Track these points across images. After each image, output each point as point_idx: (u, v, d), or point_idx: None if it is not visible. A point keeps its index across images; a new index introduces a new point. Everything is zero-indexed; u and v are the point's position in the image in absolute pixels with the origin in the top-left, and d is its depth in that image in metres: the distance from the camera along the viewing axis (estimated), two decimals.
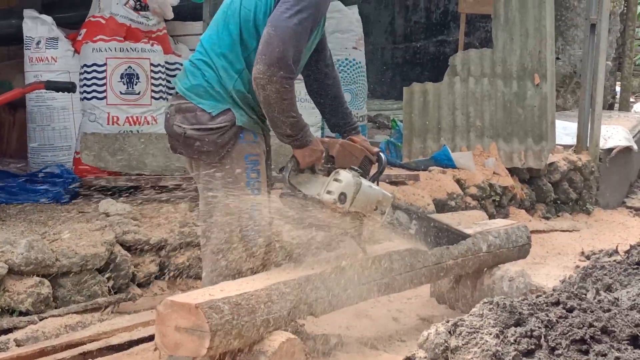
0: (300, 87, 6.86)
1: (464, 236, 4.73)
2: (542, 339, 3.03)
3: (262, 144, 3.90)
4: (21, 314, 4.48)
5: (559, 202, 8.71)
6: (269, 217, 3.87)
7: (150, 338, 4.07)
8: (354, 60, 7.47)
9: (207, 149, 3.76)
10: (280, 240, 4.18)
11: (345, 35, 7.42)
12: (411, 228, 4.25)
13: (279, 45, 3.58)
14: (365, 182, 3.90)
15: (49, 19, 6.34)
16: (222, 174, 3.78)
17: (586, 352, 2.97)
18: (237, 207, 3.77)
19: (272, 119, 3.69)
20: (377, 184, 4.05)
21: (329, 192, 3.79)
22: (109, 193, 5.64)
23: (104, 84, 5.98)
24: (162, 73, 6.28)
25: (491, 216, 7.27)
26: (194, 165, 3.92)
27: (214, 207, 3.82)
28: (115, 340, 4.31)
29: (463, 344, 3.06)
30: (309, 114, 6.91)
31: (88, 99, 6.03)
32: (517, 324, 3.13)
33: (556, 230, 7.93)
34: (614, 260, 4.74)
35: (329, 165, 3.92)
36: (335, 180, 3.81)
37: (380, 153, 4.15)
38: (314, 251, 4.18)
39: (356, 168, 3.92)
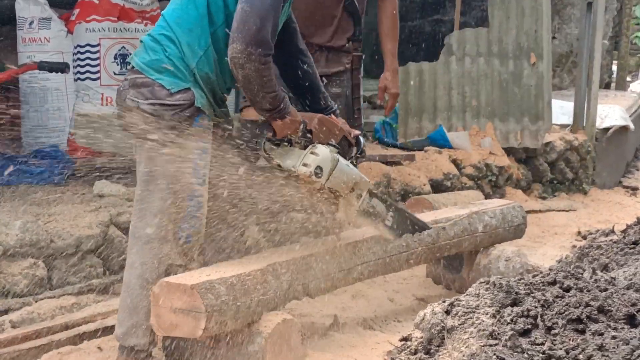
0: None
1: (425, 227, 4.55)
2: (539, 319, 3.02)
3: (211, 134, 3.69)
4: (16, 295, 4.46)
5: (555, 182, 8.71)
6: (206, 211, 3.69)
7: None
8: None
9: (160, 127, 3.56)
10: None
11: None
12: (388, 219, 4.13)
13: (256, 22, 3.44)
14: (342, 160, 3.80)
15: None
16: (168, 156, 3.59)
17: (583, 332, 2.97)
18: (177, 195, 3.60)
19: (252, 96, 3.57)
20: (356, 167, 3.95)
21: (305, 165, 3.68)
22: (103, 174, 5.62)
23: (98, 65, 5.94)
24: None
25: (487, 196, 7.27)
26: (139, 144, 3.68)
27: (153, 192, 3.62)
28: (110, 321, 4.30)
29: (459, 324, 3.06)
30: None
31: (82, 80, 6.00)
32: (514, 303, 3.13)
33: (553, 210, 7.93)
34: (611, 240, 4.74)
35: (305, 139, 3.80)
36: (312, 153, 3.71)
37: (360, 137, 4.04)
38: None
39: (334, 144, 3.83)
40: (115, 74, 6.00)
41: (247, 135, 3.83)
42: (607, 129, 9.40)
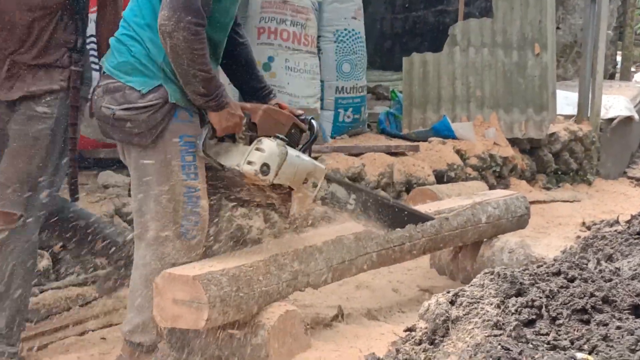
0: (299, 59, 6.88)
1: (424, 218, 4.46)
2: (543, 309, 3.01)
3: (198, 124, 3.58)
4: None
5: (559, 172, 8.70)
6: (207, 205, 3.61)
7: None
8: (352, 30, 7.41)
9: (139, 130, 3.48)
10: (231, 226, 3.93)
11: (343, 5, 7.36)
12: (350, 203, 3.95)
13: None
14: (292, 152, 3.59)
15: None
16: (155, 157, 3.51)
17: (587, 322, 2.96)
18: (172, 193, 3.53)
19: (181, 73, 3.40)
20: (310, 154, 3.77)
21: (249, 163, 3.49)
22: (108, 165, 5.62)
23: None
24: None
25: (491, 187, 7.26)
26: (125, 149, 3.63)
27: (147, 195, 3.55)
28: (116, 318, 4.32)
29: (464, 314, 3.05)
30: (307, 85, 6.88)
31: None
32: (518, 294, 3.12)
33: (557, 201, 7.92)
34: (615, 230, 4.73)
35: (250, 134, 3.61)
36: (257, 149, 3.51)
37: (312, 120, 3.86)
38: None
39: (282, 136, 3.61)
40: None
41: None
42: (611, 120, 9.39)
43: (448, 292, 3.21)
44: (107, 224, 4.24)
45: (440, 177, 7.10)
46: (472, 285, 3.24)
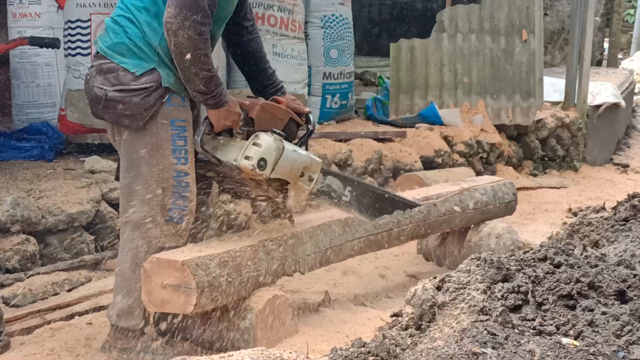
0: (286, 44, 6.87)
1: (411, 205, 4.51)
2: (529, 295, 3.03)
3: (189, 109, 3.61)
4: (7, 271, 4.46)
5: (546, 159, 8.72)
6: (195, 190, 3.61)
7: None
8: (340, 16, 7.40)
9: (131, 112, 3.47)
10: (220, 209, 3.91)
11: None
12: (345, 195, 4.01)
13: None
14: (289, 147, 3.63)
15: None
16: (146, 140, 3.51)
17: (573, 307, 2.98)
18: (161, 177, 3.53)
19: (183, 70, 3.41)
20: (306, 148, 3.81)
21: (247, 158, 3.51)
22: (95, 150, 5.62)
23: (89, 40, 5.90)
24: None
25: (478, 173, 7.28)
26: (115, 130, 3.62)
27: (137, 177, 3.55)
28: (103, 300, 4.31)
29: (450, 300, 3.06)
30: (295, 70, 6.88)
31: (72, 55, 5.97)
32: (505, 279, 3.14)
33: (543, 187, 7.94)
34: (601, 217, 4.75)
35: (247, 129, 3.62)
36: (254, 144, 3.53)
37: (309, 114, 3.88)
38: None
39: (278, 131, 3.65)
40: None
41: None
42: (598, 106, 9.41)
43: (435, 278, 3.22)
44: None
45: (427, 163, 7.11)
46: (458, 270, 3.25)
